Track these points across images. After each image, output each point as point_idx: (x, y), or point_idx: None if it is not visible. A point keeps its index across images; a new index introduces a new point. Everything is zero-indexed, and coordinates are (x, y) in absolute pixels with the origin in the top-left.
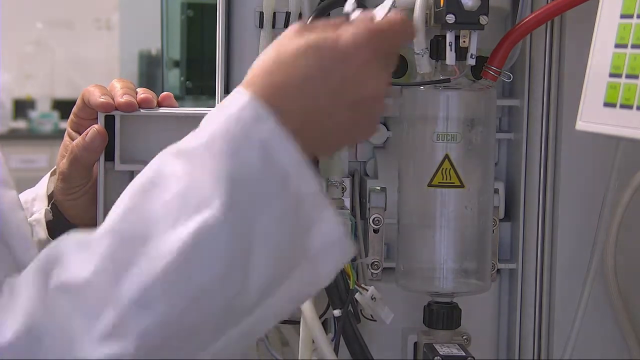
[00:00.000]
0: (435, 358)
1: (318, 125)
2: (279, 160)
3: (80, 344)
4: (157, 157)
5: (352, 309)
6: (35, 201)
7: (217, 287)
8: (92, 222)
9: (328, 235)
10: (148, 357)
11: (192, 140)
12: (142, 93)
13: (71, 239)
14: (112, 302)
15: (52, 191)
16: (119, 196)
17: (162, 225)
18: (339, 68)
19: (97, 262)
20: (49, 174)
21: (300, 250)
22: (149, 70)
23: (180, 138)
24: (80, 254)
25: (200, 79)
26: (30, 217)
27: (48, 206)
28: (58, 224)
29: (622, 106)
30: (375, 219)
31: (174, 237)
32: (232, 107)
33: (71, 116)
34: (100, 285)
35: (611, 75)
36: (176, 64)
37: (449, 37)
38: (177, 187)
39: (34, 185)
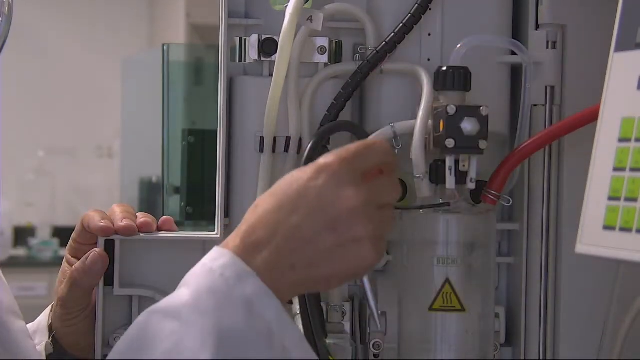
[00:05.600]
0: None
1: (307, 258)
2: (263, 316)
3: None
4: (141, 316)
5: None
6: (37, 334)
7: None
8: (90, 349)
9: None
10: None
11: (177, 298)
12: (142, 217)
13: None
14: None
15: (52, 321)
16: (117, 321)
17: None
18: (309, 187)
19: None
20: (50, 306)
21: None
22: (150, 197)
23: (179, 262)
24: None
25: (201, 204)
26: None
27: (49, 338)
28: (58, 357)
29: (622, 229)
30: (376, 343)
31: None
32: (214, 265)
33: (70, 242)
34: None
35: (610, 198)
36: (177, 190)
37: (449, 161)
38: (166, 345)
39: (32, 313)
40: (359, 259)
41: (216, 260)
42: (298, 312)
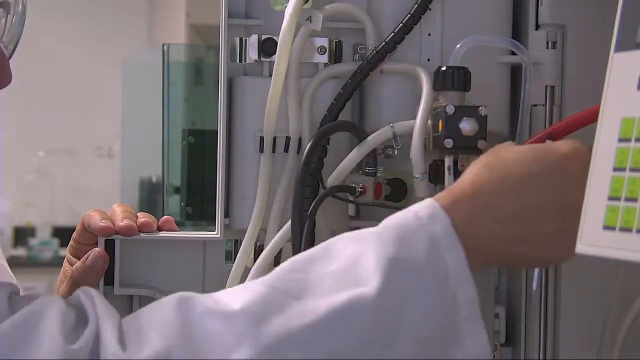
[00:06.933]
0: None
1: (522, 234)
2: (444, 259)
3: None
4: (336, 237)
5: None
6: None
7: None
8: None
9: (475, 354)
10: None
11: (369, 228)
12: (142, 217)
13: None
14: (250, 339)
15: None
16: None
17: (319, 290)
18: (564, 166)
19: (249, 300)
20: None
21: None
22: (150, 197)
23: (180, 262)
24: (234, 292)
25: (200, 204)
26: None
27: None
28: None
29: (622, 229)
30: None
31: (326, 301)
32: (413, 206)
33: (71, 242)
34: (245, 320)
35: (610, 198)
36: (177, 190)
37: (448, 161)
38: (343, 262)
39: None
40: (563, 250)
41: (417, 205)
42: None
